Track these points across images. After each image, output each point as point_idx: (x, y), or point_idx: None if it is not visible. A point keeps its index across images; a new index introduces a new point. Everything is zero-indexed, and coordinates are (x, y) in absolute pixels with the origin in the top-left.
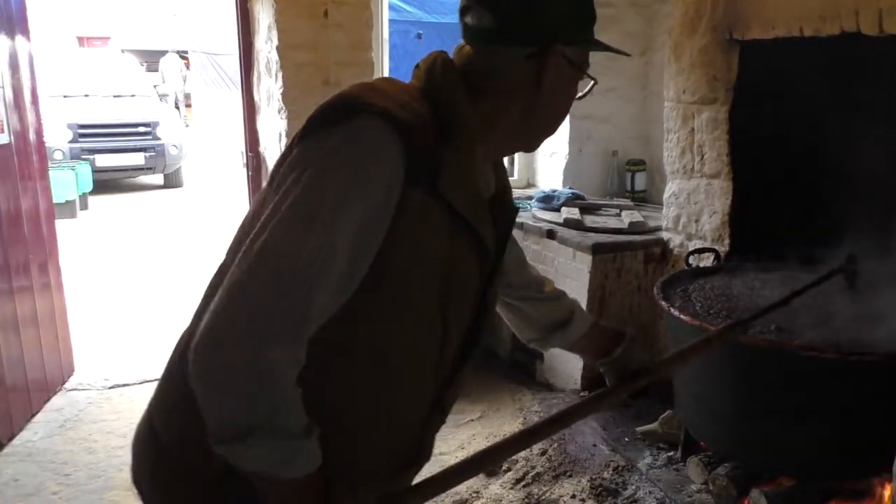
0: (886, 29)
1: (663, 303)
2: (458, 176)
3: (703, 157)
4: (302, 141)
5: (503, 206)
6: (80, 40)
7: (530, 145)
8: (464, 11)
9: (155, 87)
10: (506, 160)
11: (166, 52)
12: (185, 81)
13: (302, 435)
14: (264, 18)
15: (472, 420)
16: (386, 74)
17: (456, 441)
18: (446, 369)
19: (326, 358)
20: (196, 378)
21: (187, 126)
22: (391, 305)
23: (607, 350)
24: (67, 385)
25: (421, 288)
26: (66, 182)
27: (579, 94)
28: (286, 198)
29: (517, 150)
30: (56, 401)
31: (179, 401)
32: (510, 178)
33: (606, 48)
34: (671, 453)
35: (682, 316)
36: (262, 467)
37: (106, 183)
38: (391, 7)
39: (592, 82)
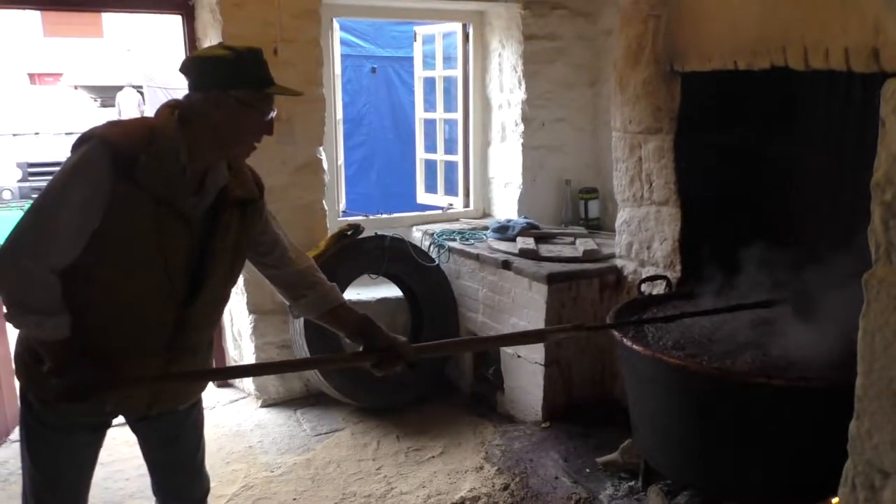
0: (811, 64)
1: (616, 333)
2: (153, 171)
3: (651, 185)
4: None
5: (225, 194)
6: (32, 77)
7: (228, 155)
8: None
9: None
10: (460, 191)
11: (121, 87)
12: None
13: (49, 313)
14: (204, 48)
15: (434, 457)
16: (339, 109)
17: (417, 479)
18: (180, 297)
19: (82, 280)
20: None
21: None
22: (114, 250)
23: (349, 327)
24: (12, 437)
25: (134, 238)
26: (14, 222)
27: (267, 119)
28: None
29: (225, 158)
30: (0, 453)
31: None
32: (467, 209)
33: (283, 91)
34: (632, 483)
35: (634, 346)
36: (29, 331)
37: None
38: (344, 42)
39: (274, 112)
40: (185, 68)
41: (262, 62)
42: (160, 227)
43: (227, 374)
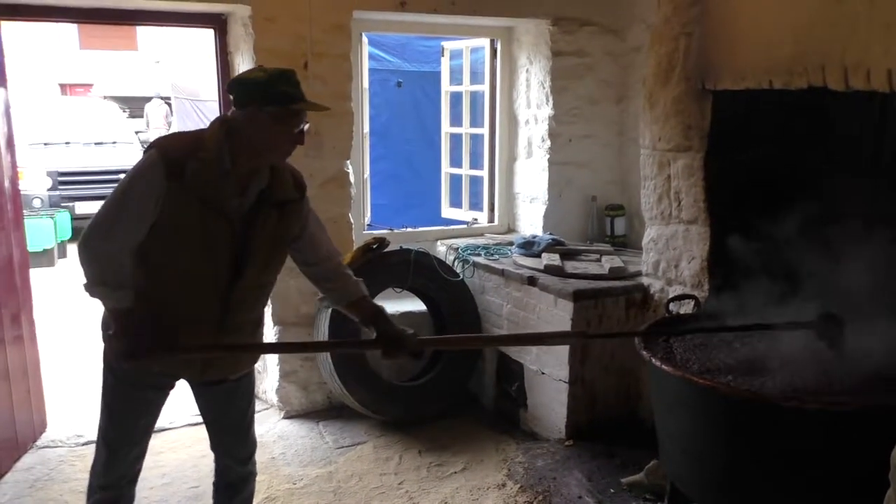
0: (852, 84)
1: (644, 353)
2: (199, 175)
3: (679, 203)
4: None
5: (266, 195)
6: (63, 87)
7: (265, 162)
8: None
9: (138, 133)
10: (485, 206)
11: (149, 98)
12: (170, 127)
13: (113, 287)
14: (244, 70)
15: (456, 473)
16: (366, 123)
17: (439, 495)
18: (223, 282)
19: (144, 265)
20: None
21: None
22: (166, 240)
23: (364, 317)
24: (39, 442)
25: (181, 231)
26: (44, 230)
27: (297, 130)
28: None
29: (263, 165)
30: (27, 459)
31: None
32: (491, 224)
33: (309, 107)
34: None
35: (663, 367)
36: (100, 300)
37: None
38: (371, 56)
39: (306, 124)
40: (229, 88)
41: (293, 82)
42: (204, 223)
43: (258, 349)
